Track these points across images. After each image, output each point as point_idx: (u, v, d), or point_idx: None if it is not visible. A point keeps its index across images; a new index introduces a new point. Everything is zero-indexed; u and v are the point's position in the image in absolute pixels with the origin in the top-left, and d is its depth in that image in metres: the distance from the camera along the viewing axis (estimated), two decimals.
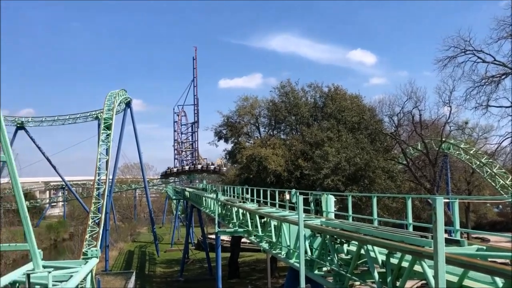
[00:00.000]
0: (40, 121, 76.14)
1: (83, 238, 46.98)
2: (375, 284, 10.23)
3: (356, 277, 11.32)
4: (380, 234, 10.15)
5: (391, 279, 9.87)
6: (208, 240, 52.88)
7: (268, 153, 37.60)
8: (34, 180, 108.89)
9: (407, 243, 8.96)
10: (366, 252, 10.50)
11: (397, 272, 9.80)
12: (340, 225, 12.86)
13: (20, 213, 7.68)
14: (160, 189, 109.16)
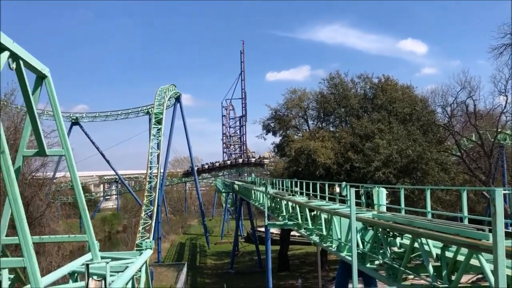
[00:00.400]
0: (94, 116, 78.51)
1: (136, 230, 48.23)
2: (429, 278, 10.04)
3: (410, 271, 11.14)
4: (435, 227, 9.94)
5: (446, 273, 9.67)
6: (257, 233, 53.16)
7: (317, 145, 37.37)
8: (89, 174, 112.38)
9: (463, 236, 8.74)
10: (420, 245, 10.32)
11: (452, 265, 9.59)
12: (392, 218, 12.68)
13: (79, 205, 7.98)
14: (210, 182, 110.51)
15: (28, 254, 5.24)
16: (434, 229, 9.87)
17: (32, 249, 5.26)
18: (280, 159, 50.94)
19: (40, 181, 33.35)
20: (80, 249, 50.20)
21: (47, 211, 32.81)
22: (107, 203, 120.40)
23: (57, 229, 35.88)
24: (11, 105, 30.00)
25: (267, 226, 27.34)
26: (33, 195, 29.87)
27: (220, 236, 72.93)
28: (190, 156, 77.88)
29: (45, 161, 32.28)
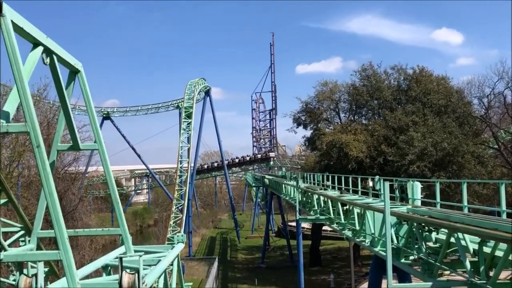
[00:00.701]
0: (125, 111, 79.73)
1: (167, 224, 48.88)
2: (466, 274, 9.88)
3: (446, 266, 10.98)
4: (472, 221, 9.77)
5: (484, 268, 9.49)
6: (288, 227, 53.22)
7: (349, 139, 37.13)
8: (120, 168, 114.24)
9: (501, 231, 8.56)
10: (457, 240, 10.15)
11: (490, 261, 9.42)
12: (427, 212, 12.52)
13: (112, 199, 8.11)
14: (240, 177, 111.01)
15: (64, 247, 5.36)
16: (471, 223, 9.70)
17: (67, 242, 5.38)
18: (311, 153, 50.82)
19: (73, 176, 34.14)
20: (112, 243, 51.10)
21: (80, 205, 33.60)
22: (138, 197, 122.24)
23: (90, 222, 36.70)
24: (44, 100, 30.70)
25: (298, 221, 27.34)
26: (66, 189, 30.61)
27: (250, 231, 73.30)
28: (220, 150, 78.32)
29: (77, 156, 33.02)
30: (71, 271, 5.43)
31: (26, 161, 29.13)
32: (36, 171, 28.21)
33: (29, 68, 5.69)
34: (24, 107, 5.35)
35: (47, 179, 5.37)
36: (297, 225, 28.60)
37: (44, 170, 5.32)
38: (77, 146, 7.70)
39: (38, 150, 5.34)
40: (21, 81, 5.32)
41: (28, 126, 5.32)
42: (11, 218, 14.43)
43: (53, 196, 5.38)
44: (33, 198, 26.38)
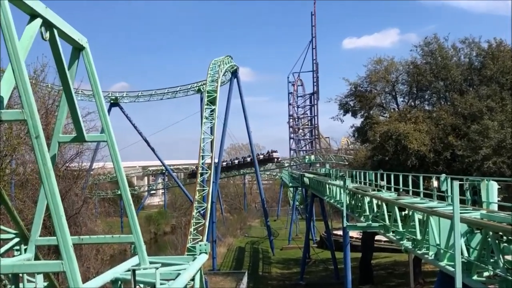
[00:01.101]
0: (136, 96, 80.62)
1: (187, 232, 49.35)
2: None
3: None
4: None
5: None
6: (333, 236, 53.06)
7: (408, 128, 36.78)
8: (130, 164, 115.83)
9: None
10: None
11: None
12: (506, 218, 12.34)
13: (124, 200, 8.23)
14: (274, 175, 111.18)
15: (68, 257, 5.46)
16: None
17: (72, 250, 5.49)
18: (361, 146, 50.50)
19: (76, 173, 34.74)
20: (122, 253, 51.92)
21: (84, 208, 34.19)
22: (152, 199, 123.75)
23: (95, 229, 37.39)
24: (42, 83, 31.25)
25: (345, 229, 27.25)
26: (68, 189, 31.18)
27: (287, 240, 73.35)
28: (249, 143, 78.51)
29: (81, 149, 33.54)
30: (76, 284, 5.54)
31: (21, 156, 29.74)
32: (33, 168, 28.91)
33: (26, 44, 5.80)
34: (20, 90, 5.46)
35: (48, 176, 5.48)
36: (344, 234, 28.50)
37: (44, 165, 5.43)
38: (81, 137, 7.84)
39: (37, 141, 5.45)
40: (17, 59, 5.43)
41: (26, 113, 5.43)
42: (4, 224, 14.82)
43: (55, 196, 5.49)
44: (29, 200, 26.96)
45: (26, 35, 5.91)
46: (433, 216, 15.95)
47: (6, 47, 5.41)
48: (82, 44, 7.55)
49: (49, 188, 5.47)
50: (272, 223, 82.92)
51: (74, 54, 7.70)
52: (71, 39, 7.24)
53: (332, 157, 76.52)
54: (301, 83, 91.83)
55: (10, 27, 5.37)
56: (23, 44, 5.72)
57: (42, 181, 5.56)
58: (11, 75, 5.59)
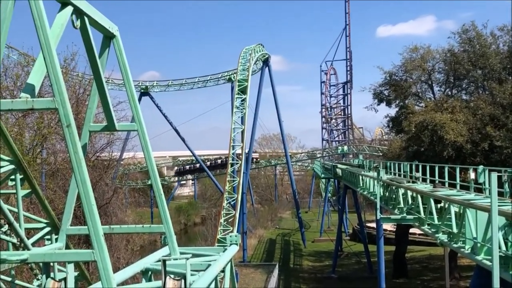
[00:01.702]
0: (166, 85, 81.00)
1: (217, 223, 49.64)
2: None
3: None
4: None
5: None
6: (366, 229, 52.84)
7: (444, 119, 36.35)
8: (160, 154, 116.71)
9: None
10: None
11: None
12: None
13: (155, 191, 8.31)
14: (306, 166, 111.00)
15: (99, 246, 5.54)
16: None
17: (103, 240, 5.56)
18: (396, 137, 50.06)
19: (106, 163, 35.19)
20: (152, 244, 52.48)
21: (114, 198, 34.67)
22: (182, 189, 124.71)
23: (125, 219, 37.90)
24: (72, 72, 31.66)
25: (379, 221, 27.07)
26: (98, 179, 31.64)
27: (318, 232, 73.25)
28: (281, 133, 78.49)
29: (111, 139, 33.96)
30: (107, 274, 5.61)
31: (52, 146, 30.25)
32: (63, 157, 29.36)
33: (57, 32, 5.87)
34: (52, 79, 5.54)
35: (80, 165, 5.56)
36: (377, 226, 28.31)
37: (75, 154, 5.50)
38: (112, 126, 7.93)
39: (69, 130, 5.52)
40: (48, 47, 5.49)
41: (57, 101, 5.50)
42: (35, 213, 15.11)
43: (86, 186, 5.57)
44: (59, 190, 27.43)
45: (57, 23, 5.97)
46: (470, 208, 15.76)
47: (37, 35, 5.48)
48: (113, 32, 7.62)
49: (80, 178, 5.55)
50: (304, 215, 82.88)
51: (104, 43, 7.78)
52: (102, 27, 7.31)
53: (366, 148, 76.17)
54: (334, 71, 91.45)
55: (41, 15, 5.44)
56: (54, 33, 5.79)
57: (74, 170, 5.63)
58: (42, 63, 5.67)
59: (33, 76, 5.85)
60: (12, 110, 5.94)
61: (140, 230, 10.23)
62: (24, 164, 9.22)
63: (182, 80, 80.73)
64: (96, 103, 8.12)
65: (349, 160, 66.21)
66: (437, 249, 43.33)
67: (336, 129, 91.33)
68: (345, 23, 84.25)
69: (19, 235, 8.75)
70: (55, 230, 9.59)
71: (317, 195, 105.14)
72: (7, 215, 8.59)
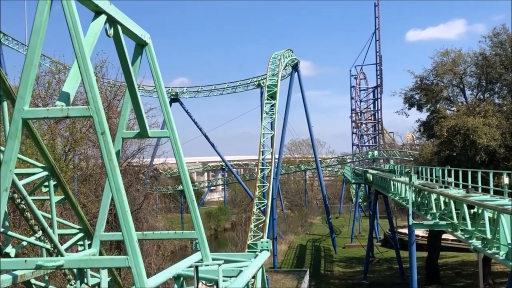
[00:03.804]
0: (196, 91, 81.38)
1: (248, 228, 49.63)
2: None
3: None
4: None
5: None
6: (398, 235, 52.41)
7: (477, 123, 35.97)
8: (190, 160, 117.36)
9: None
10: None
11: None
12: None
13: (187, 196, 8.37)
14: (336, 171, 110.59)
15: (133, 252, 5.60)
16: None
17: (137, 246, 5.62)
18: (427, 141, 49.65)
19: (137, 169, 35.51)
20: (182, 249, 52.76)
21: (145, 204, 34.95)
22: (212, 195, 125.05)
23: (156, 224, 38.15)
24: (103, 79, 32.08)
25: (411, 227, 26.90)
26: (129, 184, 31.94)
27: (349, 238, 72.83)
28: (310, 138, 78.08)
29: (142, 145, 34.28)
30: (141, 280, 5.67)
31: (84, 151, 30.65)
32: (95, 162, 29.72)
33: (91, 41, 5.97)
34: (86, 87, 5.63)
35: (114, 172, 5.63)
36: (409, 232, 28.16)
37: (110, 160, 5.58)
38: (145, 133, 8.01)
39: (103, 137, 5.60)
40: (83, 56, 5.59)
41: (92, 109, 5.59)
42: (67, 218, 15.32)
43: (121, 192, 5.63)
44: (92, 195, 27.75)
45: (91, 32, 6.07)
46: (504, 214, 15.60)
47: (72, 44, 5.58)
48: (145, 40, 7.71)
49: (115, 184, 5.62)
50: (334, 221, 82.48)
51: (137, 50, 7.88)
52: (134, 35, 7.40)
53: (397, 153, 75.52)
54: (364, 76, 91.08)
55: (76, 24, 5.53)
56: (89, 41, 5.89)
57: (108, 177, 5.71)
58: (77, 71, 5.76)
59: (68, 84, 5.95)
60: (47, 118, 6.05)
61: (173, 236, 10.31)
62: (57, 171, 9.36)
63: (211, 86, 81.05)
64: (129, 110, 8.21)
65: (380, 165, 65.78)
66: (470, 255, 42.81)
67: (367, 134, 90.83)
68: (375, 27, 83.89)
69: (52, 241, 8.88)
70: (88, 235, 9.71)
71: (348, 201, 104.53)
72: (41, 221, 8.73)
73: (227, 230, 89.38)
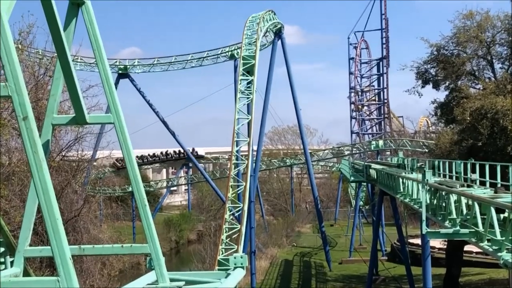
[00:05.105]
0: (151, 64, 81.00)
1: (218, 240, 49.60)
2: None
3: None
4: None
5: None
6: (408, 247, 52.72)
7: (508, 104, 36.27)
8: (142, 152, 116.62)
9: None
10: None
11: None
12: None
13: (137, 200, 8.25)
14: (330, 166, 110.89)
15: (66, 272, 5.51)
16: None
17: (71, 264, 5.54)
18: (446, 128, 49.97)
19: (74, 164, 35.22)
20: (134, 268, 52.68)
21: (85, 209, 34.71)
22: (173, 197, 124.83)
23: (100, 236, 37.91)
24: (29, 48, 31.62)
25: (425, 236, 27.04)
26: (64, 185, 31.69)
27: (347, 251, 73.30)
28: (298, 125, 78.10)
29: (80, 134, 33.94)
30: None
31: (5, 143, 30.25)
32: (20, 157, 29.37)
33: None
34: (3, 58, 5.50)
35: (40, 168, 5.53)
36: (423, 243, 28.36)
37: (34, 153, 5.48)
38: (82, 118, 7.89)
39: (25, 123, 5.49)
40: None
41: (10, 87, 5.47)
42: None
43: (49, 194, 5.53)
44: (16, 198, 27.45)
45: None
46: None
47: None
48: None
49: (41, 184, 5.52)
50: (328, 229, 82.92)
51: (71, 11, 7.75)
52: None
53: (407, 143, 75.99)
54: (366, 45, 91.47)
55: None
56: None
57: (33, 175, 5.60)
58: None
59: None
60: None
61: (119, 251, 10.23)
62: None
63: (171, 57, 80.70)
64: (61, 88, 8.07)
65: (386, 159, 66.15)
66: (500, 272, 43.28)
67: (369, 118, 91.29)
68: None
69: None
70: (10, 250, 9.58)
71: (345, 204, 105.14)
72: None
73: (192, 242, 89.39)
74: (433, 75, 44.71)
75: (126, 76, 78.98)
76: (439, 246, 49.93)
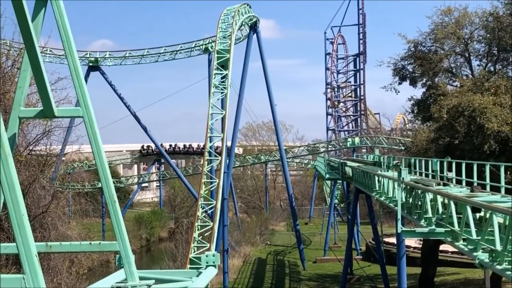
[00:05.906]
0: (123, 57, 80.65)
1: (190, 238, 49.55)
2: None
3: None
4: None
5: None
6: (384, 246, 52.97)
7: (486, 102, 36.42)
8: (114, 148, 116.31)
9: None
10: None
11: None
12: None
13: (106, 196, 8.23)
14: (305, 163, 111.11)
15: (32, 269, 5.49)
16: None
17: (37, 261, 5.51)
18: (423, 126, 50.24)
19: (42, 159, 34.98)
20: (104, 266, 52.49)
21: (53, 205, 34.47)
22: (144, 194, 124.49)
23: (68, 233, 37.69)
24: None
25: (400, 235, 27.19)
26: (32, 180, 31.44)
27: (322, 250, 73.55)
28: (273, 121, 78.18)
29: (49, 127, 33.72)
30: None
31: None
32: None
33: None
34: None
35: (5, 162, 5.50)
36: (398, 242, 28.49)
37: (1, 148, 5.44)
38: (50, 111, 7.85)
39: None
40: None
41: None
42: None
43: (15, 189, 5.51)
44: None
45: None
46: None
47: None
48: None
49: (7, 179, 5.49)
50: (303, 228, 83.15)
51: (40, 1, 7.70)
52: None
53: (383, 140, 76.32)
54: (343, 40, 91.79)
55: None
56: None
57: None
58: None
59: None
60: None
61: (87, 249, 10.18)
62: None
63: (143, 50, 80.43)
64: (29, 80, 8.02)
65: (362, 156, 66.39)
66: (476, 272, 43.60)
67: (345, 115, 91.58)
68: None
69: None
70: None
71: (320, 202, 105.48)
72: None
73: (163, 240, 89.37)
74: (410, 72, 44.87)
75: (96, 69, 78.56)
76: (415, 245, 50.24)
